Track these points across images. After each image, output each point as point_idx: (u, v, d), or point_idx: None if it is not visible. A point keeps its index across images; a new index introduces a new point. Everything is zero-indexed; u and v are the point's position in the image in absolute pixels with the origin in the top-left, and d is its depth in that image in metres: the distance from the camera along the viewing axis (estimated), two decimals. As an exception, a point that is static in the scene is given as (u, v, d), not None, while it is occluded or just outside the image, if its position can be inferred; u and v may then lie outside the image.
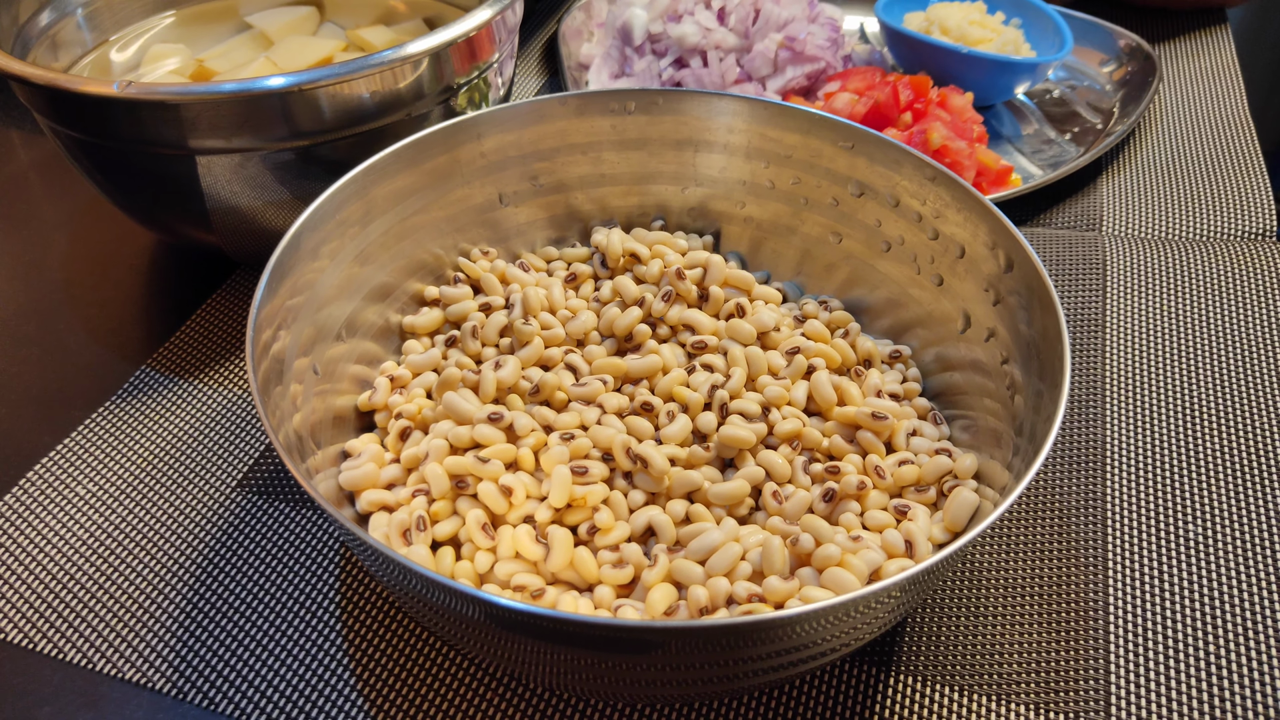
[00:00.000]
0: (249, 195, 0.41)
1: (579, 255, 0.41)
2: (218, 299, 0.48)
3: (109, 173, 0.42)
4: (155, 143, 0.38)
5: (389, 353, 0.38)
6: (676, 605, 0.28)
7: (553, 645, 0.25)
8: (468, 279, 0.39)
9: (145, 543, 0.37)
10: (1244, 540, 0.35)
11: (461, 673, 0.33)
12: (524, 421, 0.32)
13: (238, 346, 0.45)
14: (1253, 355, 0.42)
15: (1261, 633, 0.33)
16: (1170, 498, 0.37)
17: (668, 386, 0.34)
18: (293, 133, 0.39)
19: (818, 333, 0.37)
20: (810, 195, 0.40)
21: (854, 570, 0.28)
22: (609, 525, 0.30)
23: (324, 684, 0.33)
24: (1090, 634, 0.33)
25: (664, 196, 0.42)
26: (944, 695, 0.32)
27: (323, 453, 0.33)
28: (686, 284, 0.37)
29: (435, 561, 0.30)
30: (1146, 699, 0.31)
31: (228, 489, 0.39)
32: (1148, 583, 0.34)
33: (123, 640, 0.34)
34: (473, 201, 0.40)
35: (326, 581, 0.36)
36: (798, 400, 0.34)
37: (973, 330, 0.35)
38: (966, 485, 0.32)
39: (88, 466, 0.40)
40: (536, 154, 0.40)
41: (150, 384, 0.44)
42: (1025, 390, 0.31)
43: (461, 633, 0.27)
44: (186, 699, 0.32)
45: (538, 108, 0.39)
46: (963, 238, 0.35)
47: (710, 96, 0.39)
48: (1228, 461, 0.38)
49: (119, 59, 0.49)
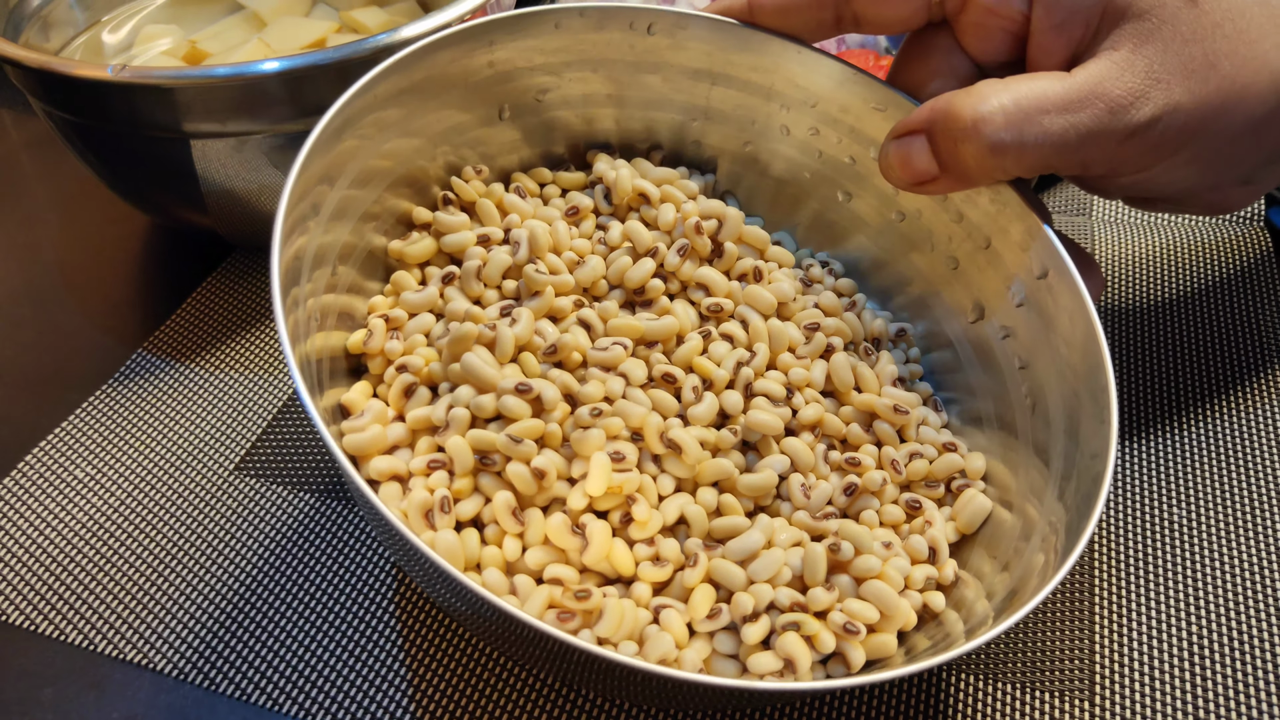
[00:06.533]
0: (244, 178, 0.41)
1: (574, 181, 0.38)
2: (214, 282, 0.48)
3: (102, 155, 0.42)
4: (149, 126, 0.38)
5: (370, 280, 0.34)
6: (719, 608, 0.28)
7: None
8: (459, 201, 0.36)
9: (145, 525, 0.37)
10: (1229, 524, 0.37)
11: (475, 653, 0.32)
12: (551, 394, 0.30)
13: (233, 330, 0.45)
14: (1240, 337, 0.44)
15: (1244, 612, 0.35)
16: (1156, 481, 0.39)
17: (686, 356, 0.33)
18: (287, 116, 0.39)
19: (830, 305, 0.36)
20: (826, 149, 0.38)
21: (890, 582, 0.29)
22: (646, 518, 0.29)
23: (325, 665, 0.31)
24: (1077, 615, 0.35)
25: (668, 124, 0.39)
26: (931, 673, 0.33)
27: (322, 399, 0.29)
28: (703, 239, 0.35)
29: (462, 545, 0.28)
30: (1130, 678, 0.33)
31: (226, 471, 0.39)
32: (1133, 563, 0.36)
33: (124, 622, 0.34)
34: (471, 113, 0.35)
35: (323, 564, 0.35)
36: (817, 381, 0.34)
37: (986, 324, 0.35)
38: (976, 486, 0.33)
39: (86, 450, 0.40)
40: (545, 67, 0.36)
41: (147, 367, 0.43)
42: (1054, 419, 0.31)
43: (509, 645, 0.26)
44: (188, 680, 0.32)
45: (554, 16, 0.35)
46: (992, 230, 0.35)
47: (739, 29, 0.36)
48: (1214, 445, 0.40)
49: (111, 40, 0.50)
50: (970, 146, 0.30)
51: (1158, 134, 0.30)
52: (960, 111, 0.30)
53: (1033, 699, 0.32)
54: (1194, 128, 0.30)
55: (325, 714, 0.31)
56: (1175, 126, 0.30)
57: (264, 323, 0.46)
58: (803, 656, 0.27)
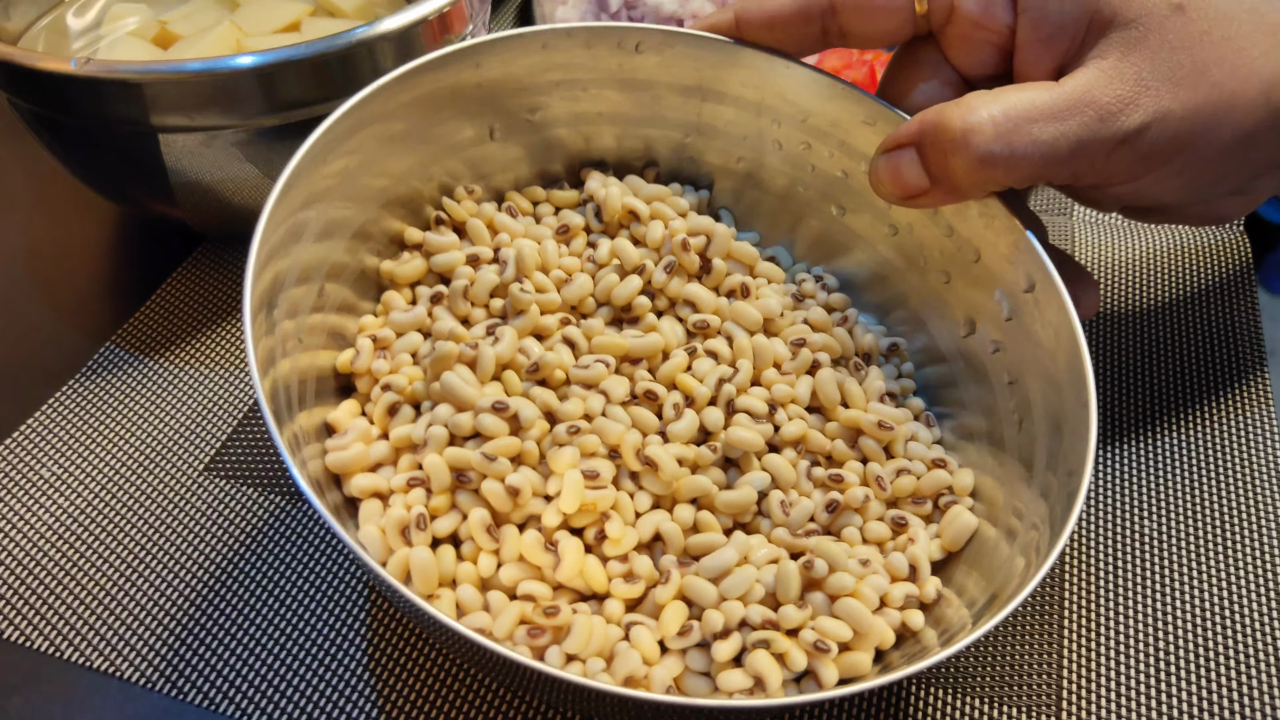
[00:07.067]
0: (215, 171, 0.39)
1: (567, 199, 0.38)
2: (183, 273, 0.47)
3: (68, 146, 0.40)
4: (115, 120, 0.37)
5: (363, 300, 0.35)
6: (690, 625, 0.28)
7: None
8: (451, 221, 0.36)
9: (113, 528, 0.36)
10: (1199, 538, 0.37)
11: (445, 662, 0.32)
12: (529, 412, 0.30)
13: (204, 323, 0.44)
14: (1216, 340, 0.43)
15: (1211, 629, 0.34)
16: (1128, 491, 0.38)
17: (670, 373, 0.33)
18: (260, 111, 0.37)
19: (819, 321, 0.36)
20: (819, 163, 0.38)
21: (865, 599, 0.29)
22: (619, 536, 0.29)
23: (293, 674, 0.32)
24: (1045, 629, 0.34)
25: (661, 141, 0.39)
26: (900, 686, 0.33)
27: (308, 417, 0.30)
28: (690, 256, 0.35)
29: (437, 562, 0.28)
30: (1096, 694, 0.33)
31: (195, 473, 0.38)
32: (1102, 578, 0.36)
33: (90, 629, 0.33)
34: (462, 134, 0.36)
35: (294, 569, 0.35)
36: (801, 398, 0.33)
37: (977, 338, 0.35)
38: (963, 503, 0.32)
39: (52, 449, 0.39)
40: (535, 87, 0.36)
41: (115, 361, 0.42)
42: (1040, 429, 0.31)
43: (475, 664, 0.26)
44: (156, 689, 0.31)
45: (542, 38, 0.35)
46: (980, 243, 0.34)
47: (726, 45, 0.36)
48: (1189, 451, 0.39)
49: (77, 23, 0.47)
50: (960, 159, 0.30)
51: (1148, 142, 0.30)
52: (950, 123, 0.30)
53: (999, 714, 0.32)
54: (1184, 137, 0.30)
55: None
56: (1166, 135, 0.30)
57: (235, 316, 0.45)
58: (772, 674, 0.27)
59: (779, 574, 0.29)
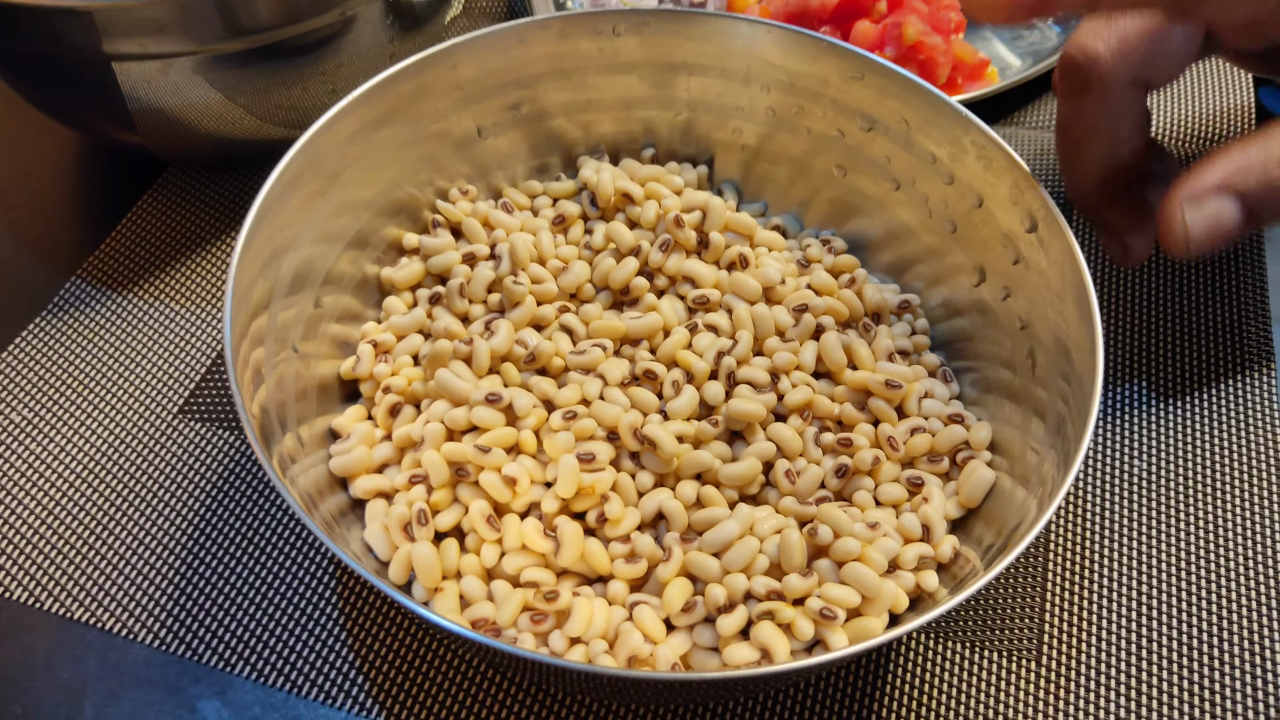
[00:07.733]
0: (176, 98, 0.37)
1: (565, 190, 0.38)
2: (149, 200, 0.45)
3: (22, 77, 0.39)
4: (68, 48, 0.35)
5: (367, 308, 0.35)
6: (694, 601, 0.28)
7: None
8: (448, 223, 0.37)
9: (88, 475, 0.36)
10: (1179, 489, 0.35)
11: (424, 635, 0.32)
12: (523, 401, 0.30)
13: (173, 254, 0.43)
14: (1221, 309, 0.41)
15: (1189, 573, 0.33)
16: (1115, 438, 0.36)
17: (670, 351, 0.33)
18: (217, 37, 0.35)
19: (824, 284, 0.35)
20: (814, 125, 0.37)
21: (872, 563, 0.28)
22: (619, 516, 0.29)
23: (274, 622, 0.32)
24: (1030, 577, 0.33)
25: (654, 122, 0.39)
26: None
27: (309, 428, 0.31)
28: (685, 232, 0.35)
29: (440, 556, 0.29)
30: (1077, 641, 0.32)
31: (170, 415, 0.37)
32: (1086, 523, 0.34)
33: (69, 578, 0.33)
34: (450, 136, 0.36)
35: (274, 515, 0.35)
36: (806, 364, 0.33)
37: (987, 286, 0.33)
38: (981, 457, 0.31)
39: (22, 391, 0.38)
40: (517, 82, 0.37)
41: (82, 297, 0.41)
42: (1049, 373, 0.29)
43: (475, 654, 0.26)
44: (138, 639, 0.32)
45: (518, 32, 0.35)
46: (981, 186, 0.33)
47: (706, 18, 0.36)
48: (1174, 412, 0.37)
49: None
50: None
51: None
52: None
53: (982, 658, 0.31)
54: None
55: (277, 674, 0.31)
56: None
57: (205, 246, 0.43)
58: (779, 644, 0.26)
59: (781, 543, 0.28)
